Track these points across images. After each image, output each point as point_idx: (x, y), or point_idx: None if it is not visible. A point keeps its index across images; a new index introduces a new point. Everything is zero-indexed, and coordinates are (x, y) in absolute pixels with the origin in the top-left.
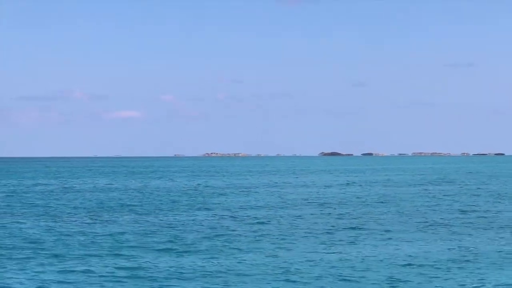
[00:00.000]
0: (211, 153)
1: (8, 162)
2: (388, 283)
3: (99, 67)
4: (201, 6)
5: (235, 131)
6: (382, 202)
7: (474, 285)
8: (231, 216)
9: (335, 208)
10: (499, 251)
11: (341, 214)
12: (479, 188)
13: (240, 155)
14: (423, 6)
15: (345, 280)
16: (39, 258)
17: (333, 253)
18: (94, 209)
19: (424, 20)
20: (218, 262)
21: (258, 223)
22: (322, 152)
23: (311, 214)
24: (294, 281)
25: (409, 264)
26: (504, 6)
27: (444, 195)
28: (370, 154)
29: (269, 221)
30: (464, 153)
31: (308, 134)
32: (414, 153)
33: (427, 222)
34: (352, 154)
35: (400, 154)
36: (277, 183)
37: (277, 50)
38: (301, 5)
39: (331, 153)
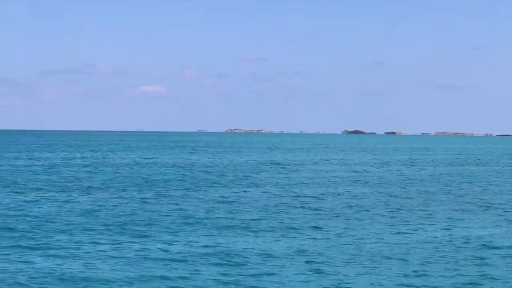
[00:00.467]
0: (234, 129)
1: (35, 135)
2: (470, 265)
3: (123, 41)
4: None
5: (258, 108)
6: (432, 182)
7: None
8: (284, 193)
9: (387, 187)
10: None
11: (396, 194)
12: None
13: (263, 131)
14: None
15: (420, 262)
16: (95, 233)
17: (404, 233)
18: (146, 184)
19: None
20: (291, 241)
21: (314, 201)
22: (346, 130)
23: (363, 193)
24: (374, 261)
25: (485, 246)
26: None
27: (489, 176)
28: (393, 133)
29: (323, 200)
30: (488, 133)
31: (331, 112)
32: (437, 132)
33: (484, 203)
34: (375, 133)
35: (423, 133)
36: (314, 160)
37: (301, 29)
38: None
39: (354, 131)
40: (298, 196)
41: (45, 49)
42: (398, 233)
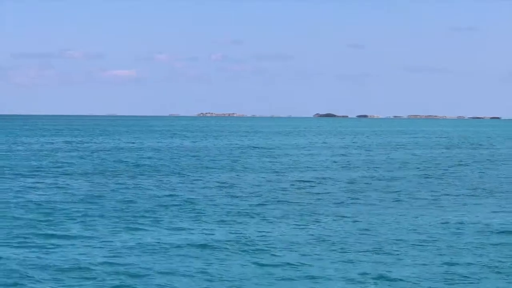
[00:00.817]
0: (206, 113)
1: (9, 119)
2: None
3: (95, 25)
4: None
5: (229, 92)
6: (426, 166)
7: None
8: (284, 178)
9: (387, 171)
10: None
11: (395, 177)
12: None
13: (234, 115)
14: None
15: (437, 246)
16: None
17: (417, 217)
18: (142, 170)
19: None
20: (307, 228)
21: (317, 186)
22: (317, 114)
23: (363, 176)
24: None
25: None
26: None
27: (477, 161)
28: (365, 116)
29: (325, 184)
30: (460, 116)
31: (303, 96)
32: (409, 115)
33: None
34: (347, 116)
35: (395, 116)
36: (299, 144)
37: (274, 12)
38: None
39: (326, 114)
40: (299, 181)
41: (18, 32)
42: (414, 217)
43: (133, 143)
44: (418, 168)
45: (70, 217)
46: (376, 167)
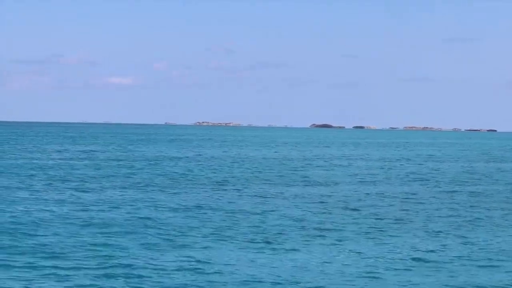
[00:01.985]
0: (202, 122)
1: (9, 126)
2: None
3: (91, 32)
4: None
5: (225, 101)
6: (460, 180)
7: None
8: (335, 192)
9: (432, 186)
10: None
11: (449, 191)
12: None
13: (231, 124)
14: None
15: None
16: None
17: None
18: (210, 181)
19: None
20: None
21: (364, 200)
22: (314, 124)
23: (413, 193)
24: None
25: None
26: None
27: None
28: (362, 127)
29: (364, 200)
30: (456, 128)
31: (300, 106)
32: (405, 127)
33: None
34: (344, 127)
35: (391, 127)
36: (326, 155)
37: (270, 20)
38: None
39: (323, 125)
40: (405, 193)
41: (13, 39)
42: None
43: (198, 154)
44: (495, 181)
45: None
46: (464, 181)
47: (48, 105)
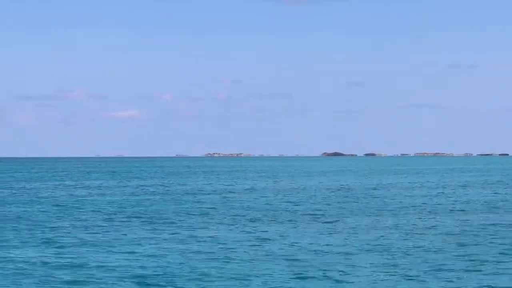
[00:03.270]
0: (213, 153)
1: (12, 162)
2: None
3: (97, 66)
4: (201, 5)
5: (235, 131)
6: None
7: None
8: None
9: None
10: None
11: None
12: None
13: (242, 155)
14: (424, 7)
15: None
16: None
17: None
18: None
19: (425, 21)
20: None
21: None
22: (325, 153)
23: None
24: None
25: None
26: (504, 7)
27: None
28: (373, 154)
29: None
30: (467, 153)
31: (309, 135)
32: (416, 153)
33: None
34: (355, 155)
35: (402, 154)
36: (397, 184)
37: (276, 50)
38: (301, 5)
39: (334, 153)
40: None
41: (19, 74)
42: None
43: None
44: None
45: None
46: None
47: (56, 140)
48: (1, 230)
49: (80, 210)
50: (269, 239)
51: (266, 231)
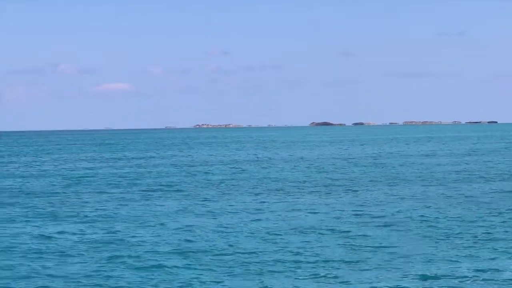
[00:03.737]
0: (202, 125)
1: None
2: None
3: (86, 40)
4: None
5: (224, 103)
6: None
7: None
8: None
9: None
10: None
11: None
12: None
13: (230, 126)
14: None
15: None
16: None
17: None
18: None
19: None
20: None
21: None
22: (313, 122)
23: None
24: None
25: None
26: None
27: None
28: (361, 123)
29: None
30: (456, 121)
31: (298, 105)
32: (405, 122)
33: None
34: (344, 124)
35: (391, 123)
36: (413, 152)
37: (264, 21)
38: None
39: (323, 123)
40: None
41: (8, 49)
42: None
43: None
44: None
45: None
46: None
47: (46, 114)
48: (22, 206)
49: (96, 183)
50: (314, 210)
51: (303, 202)
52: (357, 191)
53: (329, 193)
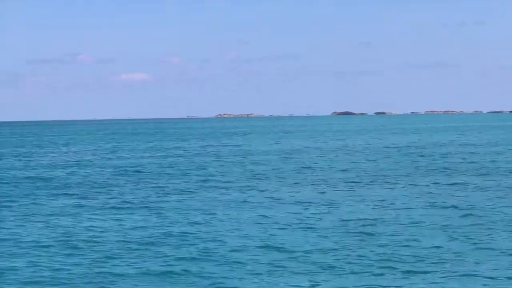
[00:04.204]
0: (224, 114)
1: (22, 126)
2: None
3: (106, 30)
4: None
5: (245, 92)
6: None
7: None
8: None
9: None
10: None
11: None
12: None
13: (252, 115)
14: None
15: None
16: None
17: None
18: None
19: None
20: None
21: None
22: (335, 112)
23: None
24: None
25: None
26: None
27: None
28: (383, 113)
29: None
30: (477, 110)
31: (319, 94)
32: (426, 111)
33: None
34: (365, 113)
35: (412, 112)
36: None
37: (284, 11)
38: None
39: (344, 112)
40: None
41: (29, 39)
42: None
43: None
44: None
45: None
46: None
47: (64, 104)
48: (78, 196)
49: (145, 173)
50: (379, 200)
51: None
52: (418, 182)
53: (396, 183)
